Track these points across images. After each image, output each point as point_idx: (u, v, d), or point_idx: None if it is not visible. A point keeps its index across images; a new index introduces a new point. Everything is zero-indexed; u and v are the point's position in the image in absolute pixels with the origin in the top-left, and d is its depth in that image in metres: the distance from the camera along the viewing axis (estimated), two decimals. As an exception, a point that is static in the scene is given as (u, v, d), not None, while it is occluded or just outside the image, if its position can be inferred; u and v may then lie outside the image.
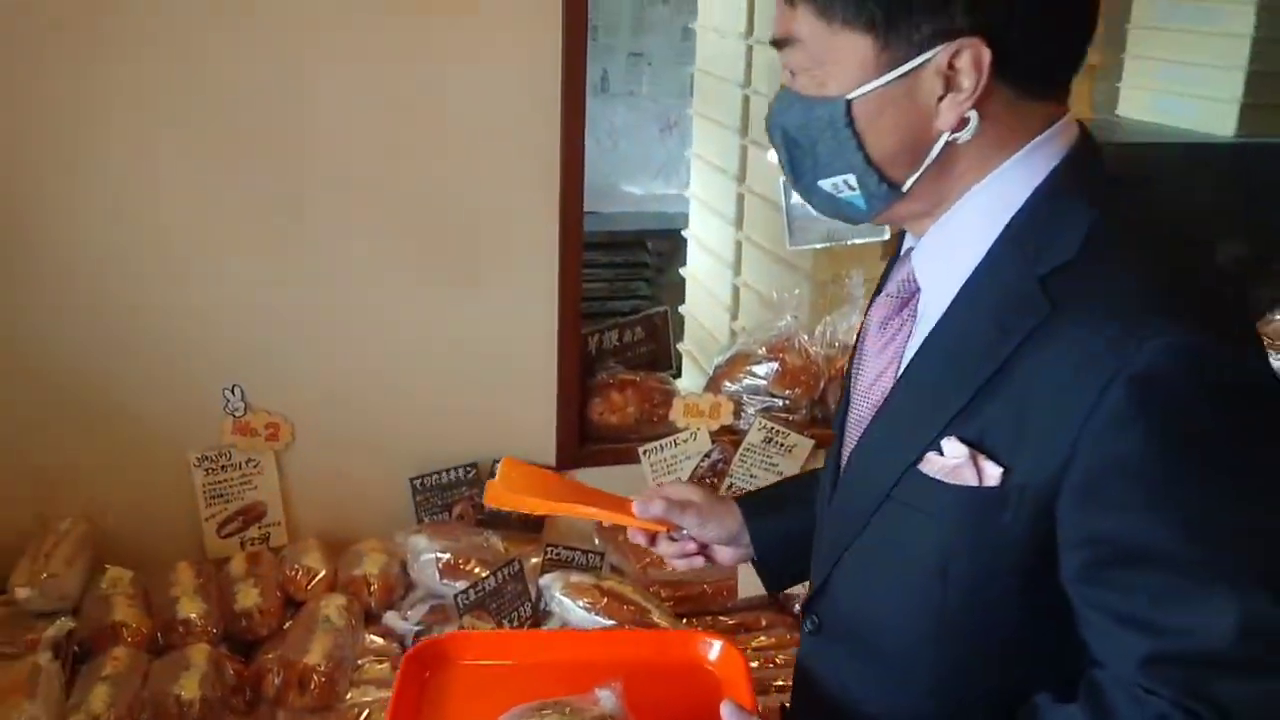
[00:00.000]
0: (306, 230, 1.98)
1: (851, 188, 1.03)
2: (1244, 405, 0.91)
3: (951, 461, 0.98)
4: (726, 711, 1.09)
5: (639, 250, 4.32)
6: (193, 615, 1.82)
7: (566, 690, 1.14)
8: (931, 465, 1.00)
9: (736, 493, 1.71)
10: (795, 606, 2.00)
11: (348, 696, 1.72)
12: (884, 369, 1.10)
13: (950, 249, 1.04)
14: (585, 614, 1.84)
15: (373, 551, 2.02)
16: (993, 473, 0.96)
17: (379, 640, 1.87)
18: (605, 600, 1.86)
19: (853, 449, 1.13)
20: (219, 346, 2.00)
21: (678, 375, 2.65)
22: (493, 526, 2.10)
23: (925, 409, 1.02)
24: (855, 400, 1.15)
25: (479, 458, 2.15)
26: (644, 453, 2.23)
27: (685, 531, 1.35)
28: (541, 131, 2.02)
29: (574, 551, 2.01)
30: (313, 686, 1.69)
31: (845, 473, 1.15)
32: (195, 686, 1.64)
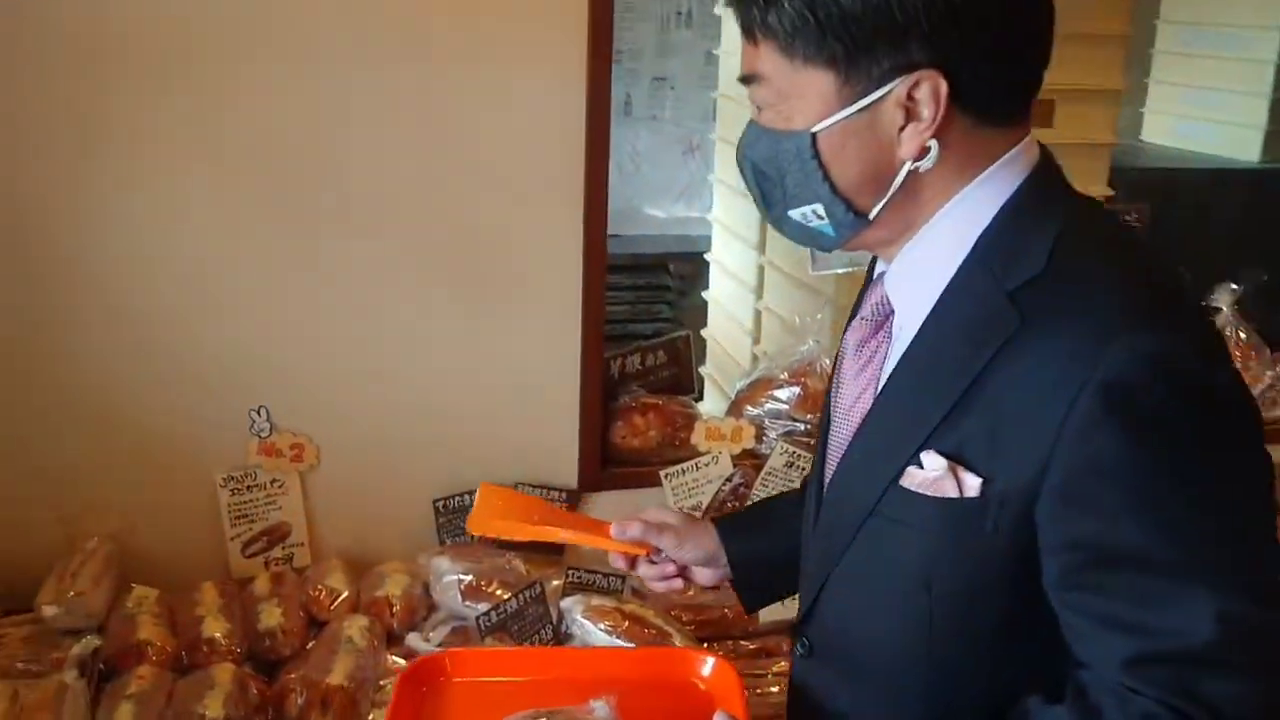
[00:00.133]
0: (333, 256, 2.00)
1: (820, 217, 1.05)
2: (1211, 408, 0.93)
3: (931, 474, 1.00)
4: None
5: (661, 273, 4.32)
6: (217, 634, 1.83)
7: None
8: (912, 479, 1.03)
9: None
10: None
11: (369, 717, 1.73)
12: (862, 390, 1.13)
13: (921, 271, 1.06)
14: (606, 637, 1.85)
15: (395, 573, 2.03)
16: (972, 484, 0.98)
17: (401, 661, 1.87)
18: (626, 624, 1.86)
19: (835, 470, 1.15)
20: (246, 368, 2.02)
21: (700, 399, 2.65)
22: (515, 549, 2.10)
23: (904, 425, 1.04)
24: (835, 423, 1.17)
25: (502, 480, 2.15)
26: (665, 476, 2.23)
27: (664, 554, 1.37)
28: (566, 156, 2.03)
29: (595, 575, 2.01)
30: (335, 707, 1.70)
31: (828, 493, 1.17)
32: (219, 706, 1.65)
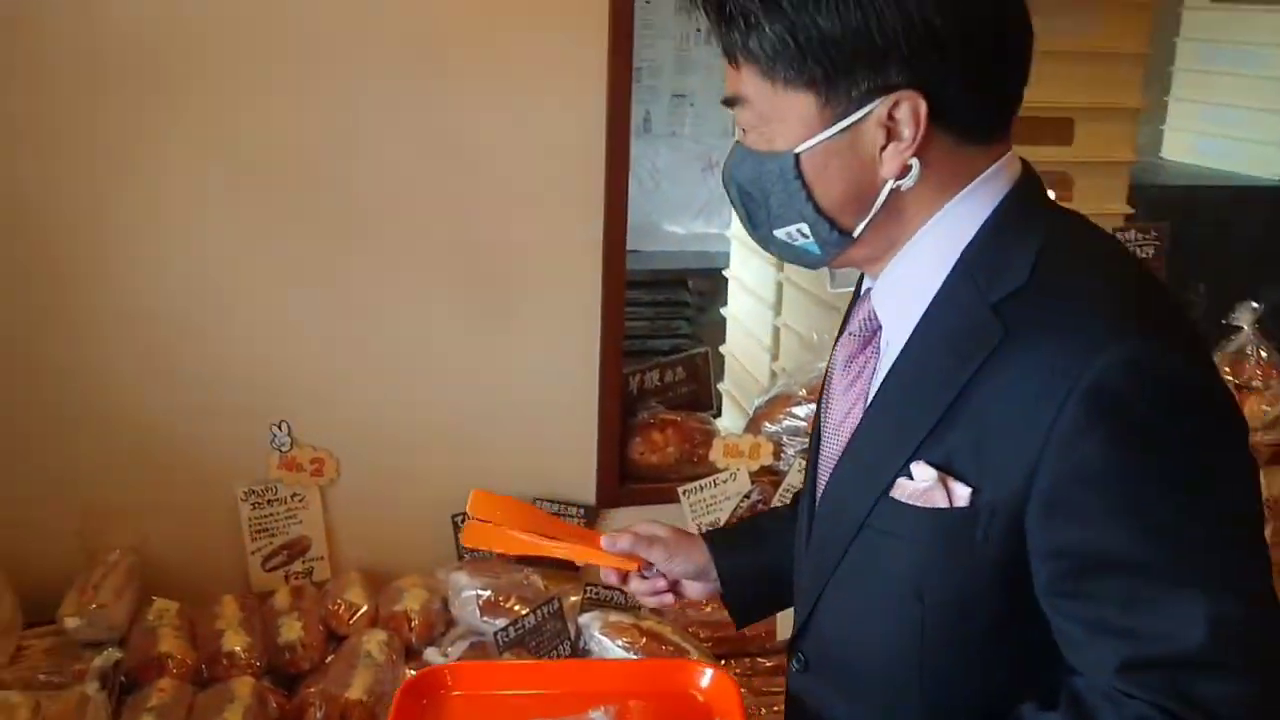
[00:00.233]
0: (354, 270, 2.02)
1: (805, 235, 1.07)
2: (1195, 411, 0.94)
3: (921, 485, 1.01)
4: None
5: (680, 289, 4.32)
6: (237, 648, 1.84)
7: None
8: (903, 490, 1.03)
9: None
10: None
11: (388, 732, 1.73)
12: (852, 405, 1.13)
13: (906, 286, 1.07)
14: (624, 653, 1.85)
15: (414, 587, 2.03)
16: (962, 493, 0.99)
17: (419, 676, 1.88)
18: (644, 640, 1.86)
19: (826, 484, 1.16)
20: (267, 383, 2.04)
21: (718, 415, 2.65)
22: (533, 565, 2.11)
23: (893, 437, 1.05)
24: (826, 438, 1.18)
25: (521, 495, 2.14)
26: (684, 493, 2.23)
27: (655, 569, 1.37)
28: (587, 172, 2.05)
29: (613, 591, 2.01)
30: (354, 721, 1.70)
31: (820, 507, 1.17)
32: (239, 719, 1.65)
